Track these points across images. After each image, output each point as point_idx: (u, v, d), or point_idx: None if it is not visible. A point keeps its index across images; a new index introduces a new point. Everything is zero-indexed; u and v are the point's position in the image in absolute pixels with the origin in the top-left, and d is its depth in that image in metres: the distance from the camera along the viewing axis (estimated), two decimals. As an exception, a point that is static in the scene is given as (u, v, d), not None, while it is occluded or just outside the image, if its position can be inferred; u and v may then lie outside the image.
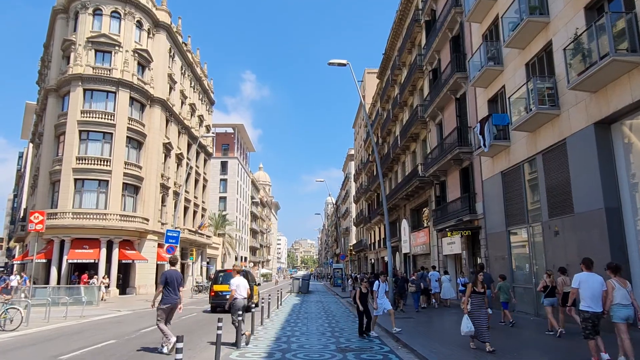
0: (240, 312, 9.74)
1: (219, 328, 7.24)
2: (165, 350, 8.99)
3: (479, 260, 18.69)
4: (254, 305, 18.31)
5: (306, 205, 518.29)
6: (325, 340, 10.77)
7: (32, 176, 39.82)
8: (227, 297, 17.83)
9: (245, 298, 10.17)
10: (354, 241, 68.40)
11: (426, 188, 26.79)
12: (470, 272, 18.83)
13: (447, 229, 20.51)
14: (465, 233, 18.97)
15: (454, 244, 22.07)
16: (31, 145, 50.19)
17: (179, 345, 4.84)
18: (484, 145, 16.08)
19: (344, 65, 18.27)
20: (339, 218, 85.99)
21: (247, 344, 9.87)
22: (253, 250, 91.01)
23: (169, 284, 9.25)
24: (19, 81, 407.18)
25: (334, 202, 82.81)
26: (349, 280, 30.18)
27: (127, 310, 19.15)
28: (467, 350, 8.89)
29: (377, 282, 12.01)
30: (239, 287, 10.16)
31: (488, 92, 17.85)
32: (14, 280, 25.35)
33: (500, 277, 13.26)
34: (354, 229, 69.75)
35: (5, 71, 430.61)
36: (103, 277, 29.77)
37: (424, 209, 29.07)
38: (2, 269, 57.18)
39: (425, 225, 28.21)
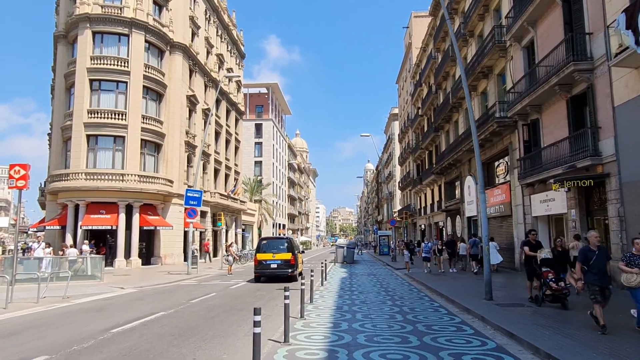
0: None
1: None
2: None
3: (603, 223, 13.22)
4: (298, 273, 17.80)
5: (343, 173, 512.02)
6: (409, 351, 5.95)
7: (48, 135, 36.81)
8: (272, 266, 17.04)
9: None
10: (398, 207, 63.12)
11: (504, 134, 21.15)
12: (583, 238, 13.49)
13: (551, 181, 15.05)
14: (584, 183, 13.46)
15: (552, 202, 16.62)
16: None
17: None
18: (637, 43, 10.41)
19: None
20: (380, 183, 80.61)
21: None
22: (291, 218, 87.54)
23: None
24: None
25: (375, 167, 77.34)
26: (404, 250, 25.24)
27: (132, 288, 15.10)
28: None
29: None
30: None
31: (630, -29, 11.94)
32: (38, 249, 21.93)
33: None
34: (398, 193, 64.35)
35: (40, 33, 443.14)
36: (229, 245, 26.98)
37: (498, 162, 23.47)
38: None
39: (501, 180, 22.70)
